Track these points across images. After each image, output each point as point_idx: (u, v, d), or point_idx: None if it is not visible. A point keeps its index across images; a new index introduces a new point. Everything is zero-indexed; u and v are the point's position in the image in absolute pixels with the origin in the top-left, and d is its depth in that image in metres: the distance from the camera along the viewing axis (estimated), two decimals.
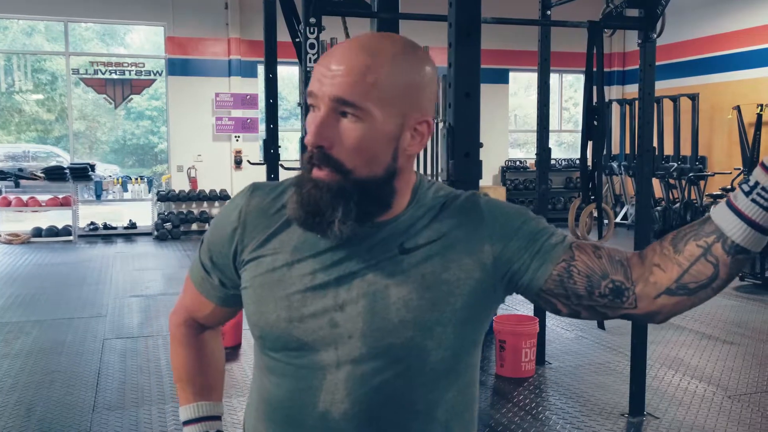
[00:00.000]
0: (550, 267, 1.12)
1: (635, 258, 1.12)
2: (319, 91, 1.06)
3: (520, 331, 4.92)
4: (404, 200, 1.15)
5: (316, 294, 1.12)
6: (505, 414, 4.30)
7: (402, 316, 1.10)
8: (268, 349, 1.17)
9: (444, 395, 1.15)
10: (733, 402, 4.48)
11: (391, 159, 1.09)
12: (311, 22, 3.56)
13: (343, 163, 1.06)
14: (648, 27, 3.96)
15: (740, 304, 7.16)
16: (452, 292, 1.12)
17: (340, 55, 1.06)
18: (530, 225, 1.16)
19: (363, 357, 1.10)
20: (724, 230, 1.04)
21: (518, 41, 12.48)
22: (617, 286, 1.10)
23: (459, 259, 1.13)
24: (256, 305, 1.16)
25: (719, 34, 11.91)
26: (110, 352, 5.46)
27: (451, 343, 1.13)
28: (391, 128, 1.08)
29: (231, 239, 1.20)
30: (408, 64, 1.08)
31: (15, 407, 4.36)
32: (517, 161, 14.22)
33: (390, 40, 1.10)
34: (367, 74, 1.04)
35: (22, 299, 7.27)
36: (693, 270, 1.07)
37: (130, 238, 11.95)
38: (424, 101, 1.11)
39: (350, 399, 1.11)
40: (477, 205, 1.18)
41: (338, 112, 1.05)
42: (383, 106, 1.06)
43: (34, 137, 14.68)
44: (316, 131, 1.06)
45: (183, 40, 12.30)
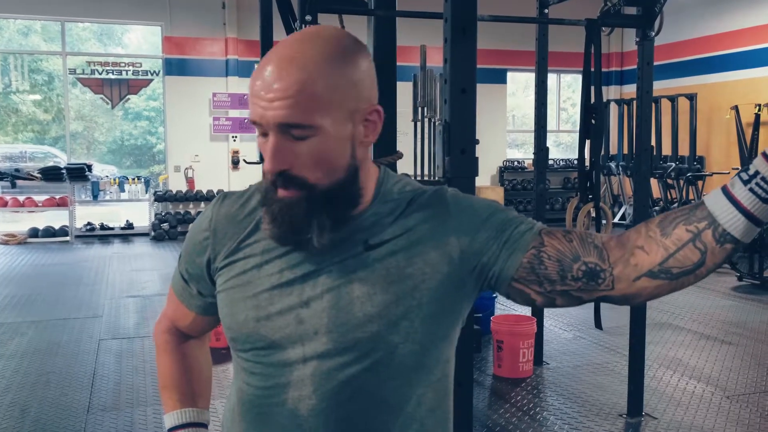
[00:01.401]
0: (519, 255, 1.11)
1: (614, 240, 1.10)
2: (262, 120, 1.05)
3: (518, 332, 4.90)
4: (368, 195, 1.15)
5: (282, 292, 1.12)
6: (503, 415, 4.28)
7: (366, 310, 1.09)
8: (240, 350, 1.17)
9: (415, 390, 1.14)
10: (731, 402, 4.46)
11: (350, 158, 1.09)
12: (307, 19, 3.53)
13: (306, 179, 1.06)
14: (646, 25, 3.94)
15: (738, 304, 7.15)
16: (417, 286, 1.11)
17: (272, 74, 1.03)
18: (498, 216, 1.15)
19: (329, 352, 1.10)
20: (717, 217, 1.02)
21: (516, 41, 12.47)
22: (591, 269, 1.09)
23: (425, 254, 1.12)
24: (228, 308, 1.18)
25: (717, 34, 11.90)
26: (106, 353, 5.43)
27: (419, 338, 1.11)
28: (344, 130, 1.07)
29: (203, 248, 1.22)
30: (340, 62, 1.05)
31: (9, 408, 4.33)
32: (515, 161, 14.20)
33: (315, 42, 1.06)
34: (302, 91, 1.02)
35: (18, 300, 7.24)
36: (679, 255, 1.05)
37: (127, 238, 11.92)
38: (367, 91, 1.09)
39: (317, 395, 1.10)
40: (443, 198, 1.17)
41: (288, 133, 1.04)
42: (329, 114, 1.05)
43: (31, 138, 14.64)
44: (272, 159, 1.05)
45: (180, 40, 12.27)
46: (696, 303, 7.10)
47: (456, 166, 2.16)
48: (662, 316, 6.51)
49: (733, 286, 7.98)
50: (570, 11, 4.99)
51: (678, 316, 6.58)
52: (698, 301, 7.17)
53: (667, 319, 6.46)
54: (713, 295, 7.52)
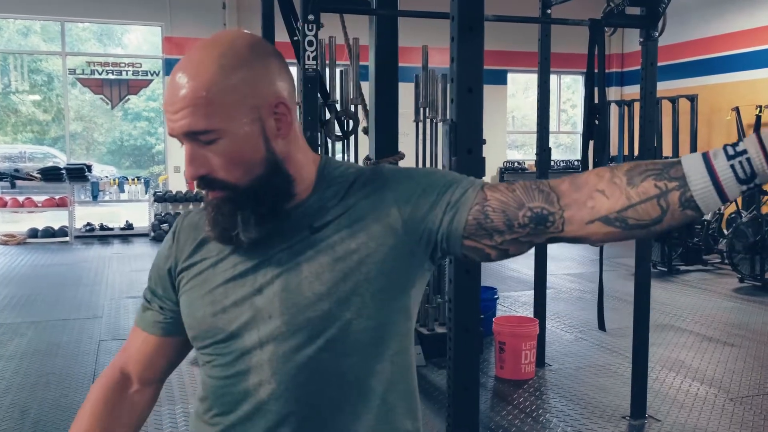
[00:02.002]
0: (464, 214, 1.11)
1: (566, 184, 1.10)
2: (172, 131, 1.10)
3: (520, 333, 4.88)
4: (308, 182, 1.17)
5: (236, 284, 1.15)
6: (505, 417, 4.26)
7: (315, 289, 1.11)
8: (201, 347, 1.20)
9: (374, 366, 1.15)
10: (735, 404, 4.44)
11: (266, 153, 1.11)
12: (310, 19, 3.51)
13: (226, 180, 1.10)
14: (650, 25, 3.92)
15: (740, 305, 7.13)
16: (364, 261, 1.12)
17: (173, 88, 1.08)
18: (437, 180, 1.16)
19: (284, 334, 1.11)
20: (690, 182, 1.01)
21: (516, 42, 12.44)
22: (537, 213, 1.09)
23: (367, 228, 1.13)
24: (188, 308, 1.21)
25: (718, 36, 11.89)
26: (106, 354, 5.41)
27: (372, 312, 1.12)
28: (250, 128, 1.09)
29: (167, 257, 1.26)
30: (233, 65, 1.08)
31: (9, 410, 4.30)
32: (516, 162, 14.19)
33: (208, 50, 1.09)
34: (198, 98, 1.05)
35: (17, 300, 7.22)
36: (640, 207, 1.04)
37: (126, 239, 11.89)
38: (271, 86, 1.11)
39: (276, 378, 1.12)
40: (381, 173, 1.19)
41: (197, 141, 1.08)
42: (230, 116, 1.07)
43: (30, 138, 14.62)
44: (189, 165, 1.10)
45: (180, 41, 12.24)
46: (698, 305, 7.08)
47: (463, 167, 2.14)
48: (664, 317, 6.49)
49: (735, 287, 7.96)
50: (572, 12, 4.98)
51: (680, 317, 6.56)
52: (700, 303, 7.15)
53: (669, 320, 6.44)
54: (715, 296, 7.50)
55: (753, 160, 0.98)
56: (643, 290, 4.12)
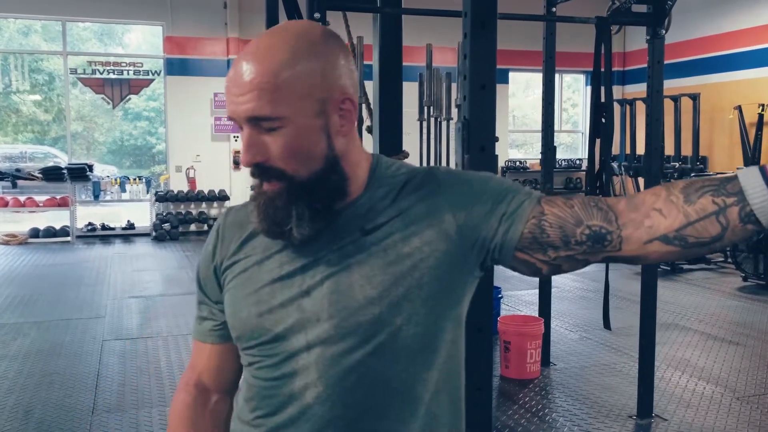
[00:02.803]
0: (520, 227, 1.10)
1: (623, 202, 1.08)
2: (234, 114, 1.08)
3: (525, 332, 4.86)
4: (360, 182, 1.15)
5: (283, 284, 1.13)
6: (511, 416, 4.24)
7: (366, 293, 1.08)
8: (246, 347, 1.17)
9: (421, 374, 1.12)
10: (741, 403, 4.42)
11: (327, 149, 1.09)
12: (315, 17, 3.49)
13: (283, 170, 1.08)
14: (657, 23, 3.90)
15: (744, 304, 7.11)
16: (417, 266, 1.09)
17: (240, 71, 1.06)
18: (493, 188, 1.14)
19: (332, 338, 1.09)
20: (748, 196, 0.99)
21: (517, 41, 12.39)
22: (595, 231, 1.07)
23: (421, 232, 1.11)
24: (231, 307, 1.19)
25: (720, 34, 11.87)
26: (109, 354, 5.39)
27: (422, 319, 1.10)
28: (314, 121, 1.07)
29: (212, 256, 1.24)
30: (306, 54, 1.06)
31: (13, 409, 4.29)
32: (518, 161, 14.17)
33: (281, 36, 1.08)
34: (268, 83, 1.04)
35: (19, 300, 7.20)
36: (699, 225, 1.02)
37: (128, 238, 11.88)
38: (339, 80, 1.09)
39: (323, 382, 1.09)
40: (435, 177, 1.16)
41: (259, 126, 1.06)
42: (296, 105, 1.05)
43: (31, 138, 14.61)
44: (247, 151, 1.08)
45: (181, 40, 12.22)
46: (701, 303, 7.07)
47: (475, 164, 2.12)
48: (668, 316, 6.48)
49: (739, 286, 7.94)
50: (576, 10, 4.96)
51: (684, 316, 6.55)
52: (704, 302, 7.13)
53: (673, 319, 6.42)
54: (718, 295, 7.49)
55: None
56: (649, 289, 4.10)
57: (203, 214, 12.21)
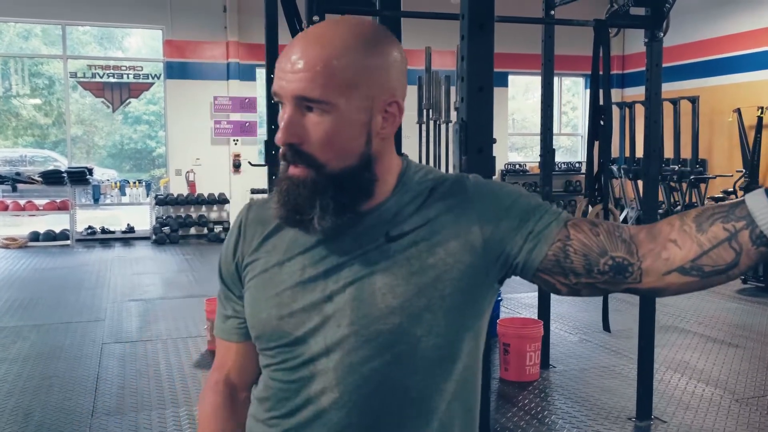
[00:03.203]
0: (544, 248, 1.09)
1: (643, 233, 1.08)
2: (281, 90, 1.06)
3: (525, 335, 4.86)
4: (389, 186, 1.14)
5: (305, 288, 1.12)
6: (511, 418, 4.24)
7: (388, 302, 1.08)
8: (264, 348, 1.17)
9: (439, 384, 1.12)
10: (741, 405, 4.43)
11: (364, 146, 1.08)
12: (315, 20, 3.50)
13: (316, 157, 1.06)
14: (655, 26, 3.92)
15: (743, 306, 7.12)
16: (440, 277, 1.09)
17: (296, 50, 1.05)
18: (521, 204, 1.13)
19: (352, 345, 1.09)
20: (756, 218, 0.99)
21: (517, 44, 12.40)
22: (618, 263, 1.07)
23: (445, 243, 1.10)
24: (251, 306, 1.18)
25: (719, 37, 11.89)
26: (109, 357, 5.40)
27: (442, 330, 1.10)
28: (359, 115, 1.06)
29: (234, 251, 1.23)
30: (366, 47, 1.06)
31: (12, 413, 4.29)
32: (517, 165, 14.17)
33: (345, 26, 1.08)
34: (323, 66, 1.03)
35: (19, 304, 7.20)
36: (713, 253, 1.02)
37: (128, 242, 11.88)
38: (391, 82, 1.09)
39: (340, 388, 1.09)
40: (464, 186, 1.15)
41: (303, 107, 1.05)
42: (346, 95, 1.04)
43: (31, 142, 14.63)
44: (285, 130, 1.06)
45: (181, 44, 12.24)
46: (701, 306, 7.07)
47: (473, 166, 2.13)
48: (667, 318, 6.48)
49: (738, 288, 7.95)
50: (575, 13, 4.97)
51: (683, 318, 6.55)
52: (703, 304, 7.14)
53: (673, 321, 6.42)
54: (718, 297, 7.49)
55: None
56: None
57: (203, 218, 12.22)
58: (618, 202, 13.21)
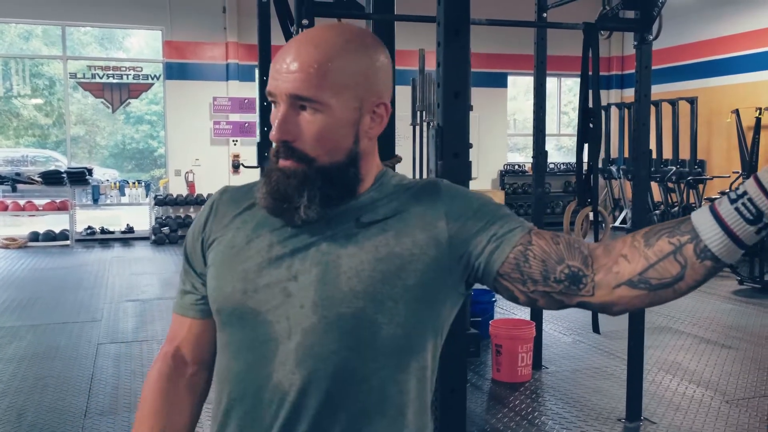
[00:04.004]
0: (506, 250, 1.13)
1: (600, 249, 1.12)
2: (276, 90, 1.11)
3: (517, 336, 4.88)
4: (366, 185, 1.18)
5: (271, 266, 1.14)
6: (501, 419, 4.26)
7: (352, 285, 1.10)
8: (225, 324, 1.18)
9: (396, 374, 1.14)
10: (731, 407, 4.44)
11: (352, 144, 1.14)
12: (304, 23, 3.52)
13: (307, 153, 1.11)
14: (644, 29, 3.93)
15: (738, 308, 7.13)
16: (404, 267, 1.12)
17: (291, 52, 1.11)
18: (489, 209, 1.17)
19: (313, 327, 1.10)
20: (700, 233, 1.03)
21: (517, 45, 12.45)
22: (574, 272, 1.10)
23: (413, 235, 1.14)
24: (216, 281, 1.19)
25: (718, 38, 11.89)
26: (104, 357, 5.43)
27: (402, 321, 1.12)
28: (349, 114, 1.12)
29: (203, 228, 1.26)
30: (357, 51, 1.13)
31: (6, 413, 4.32)
32: (516, 165, 14.19)
33: (337, 30, 1.14)
34: (317, 67, 1.09)
35: (17, 304, 7.24)
36: (659, 266, 1.06)
37: (127, 242, 11.92)
38: (379, 85, 1.15)
39: (300, 370, 1.11)
40: (436, 185, 1.21)
41: (297, 106, 1.11)
42: (338, 95, 1.10)
43: (32, 142, 14.67)
44: (279, 127, 1.11)
45: (181, 44, 12.28)
46: (696, 307, 7.08)
47: (449, 171, 2.15)
48: (662, 320, 6.49)
49: (734, 289, 7.96)
50: (568, 15, 4.99)
51: (678, 320, 6.56)
52: (698, 305, 7.15)
53: (667, 323, 6.44)
54: (714, 298, 7.50)
55: (754, 200, 1.00)
56: None
57: None
58: (617, 203, 13.23)
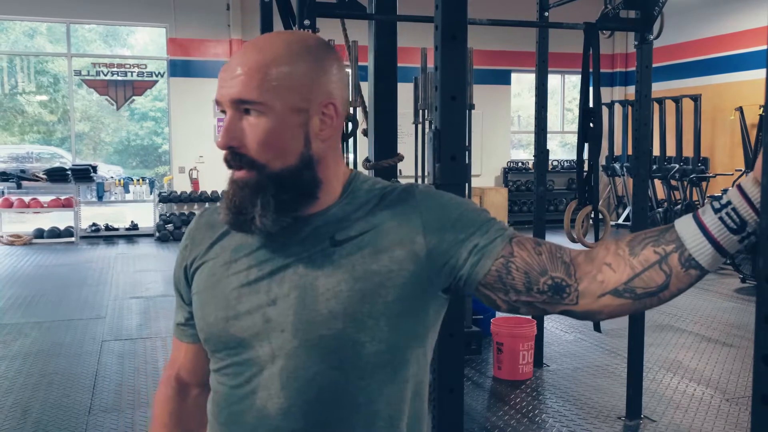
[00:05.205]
0: (488, 263, 1.12)
1: (582, 256, 1.12)
2: (221, 98, 1.11)
3: (518, 334, 4.90)
4: (334, 193, 1.17)
5: (250, 290, 1.14)
6: (502, 417, 4.29)
7: (331, 307, 1.09)
8: (212, 351, 1.19)
9: (383, 389, 1.13)
10: (731, 405, 4.46)
11: (303, 147, 1.11)
12: (305, 24, 3.54)
13: (256, 159, 1.10)
14: (645, 28, 3.94)
15: (740, 306, 7.13)
16: (383, 284, 1.11)
17: (236, 59, 1.11)
18: (468, 217, 1.15)
19: (296, 350, 1.10)
20: (685, 242, 1.04)
21: (521, 42, 12.43)
22: (557, 283, 1.10)
23: (390, 251, 1.12)
24: (200, 310, 1.20)
25: (721, 35, 11.87)
26: (108, 354, 5.47)
27: (385, 336, 1.11)
28: (295, 116, 1.10)
29: (183, 258, 1.27)
30: (300, 53, 1.11)
31: (11, 409, 4.36)
32: (519, 162, 14.19)
33: (283, 36, 1.15)
34: (258, 70, 1.08)
35: (22, 301, 7.28)
36: (645, 275, 1.06)
37: (131, 239, 11.97)
38: (329, 86, 1.13)
39: (285, 393, 1.11)
40: (412, 195, 1.17)
41: (242, 111, 1.10)
42: (282, 97, 1.09)
43: (37, 138, 14.72)
44: (224, 134, 1.10)
45: (185, 42, 12.31)
46: (698, 305, 7.09)
47: (446, 173, 2.17)
48: (663, 318, 6.51)
49: (736, 288, 7.97)
50: (572, 13, 5.00)
51: (679, 318, 6.58)
52: (700, 303, 7.16)
53: (668, 321, 6.45)
54: (715, 297, 7.51)
55: (738, 210, 1.01)
56: None
57: None
58: (620, 200, 13.23)
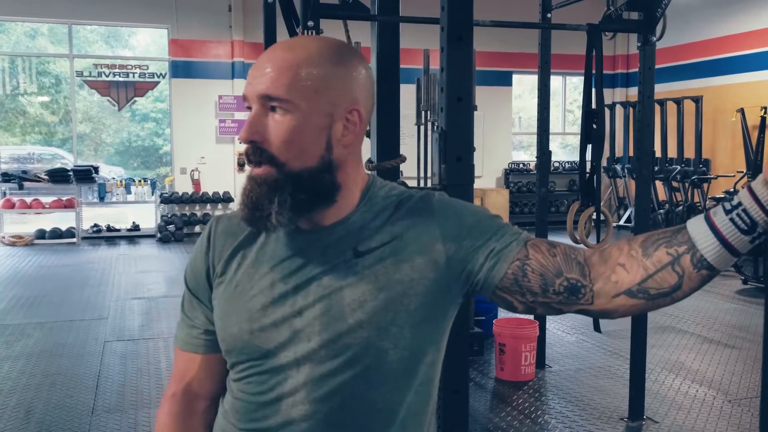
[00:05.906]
0: (504, 266, 1.14)
1: (596, 256, 1.14)
2: (248, 93, 1.12)
3: (520, 335, 4.91)
4: (353, 199, 1.18)
5: (275, 303, 1.15)
6: (504, 418, 4.29)
7: (357, 317, 1.12)
8: (235, 362, 1.20)
9: (404, 395, 1.17)
10: (733, 406, 4.46)
11: (324, 150, 1.12)
12: (309, 25, 3.55)
13: (276, 156, 1.11)
14: (647, 30, 3.95)
15: (742, 307, 7.14)
16: (406, 292, 1.13)
17: (266, 56, 1.12)
18: (484, 223, 1.18)
19: (321, 359, 1.12)
20: (697, 243, 1.06)
21: (522, 44, 12.43)
22: (572, 284, 1.12)
23: (411, 260, 1.15)
24: (222, 320, 1.20)
25: (723, 37, 11.87)
26: (111, 355, 5.47)
27: (408, 344, 1.14)
28: (320, 118, 1.11)
29: (204, 262, 1.25)
30: (332, 58, 1.13)
31: (14, 410, 4.37)
32: (521, 164, 14.19)
33: (315, 39, 1.17)
34: (289, 69, 1.10)
35: (24, 301, 7.29)
36: (658, 276, 1.08)
37: (133, 240, 11.98)
38: (354, 92, 1.14)
39: (309, 400, 1.13)
40: (429, 204, 1.20)
41: (267, 107, 1.11)
42: (309, 98, 1.10)
43: (38, 139, 14.74)
44: (248, 128, 1.11)
45: (186, 43, 12.32)
46: (700, 306, 7.09)
47: (452, 174, 2.18)
48: (666, 319, 6.51)
49: (738, 289, 7.97)
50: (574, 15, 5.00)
51: (681, 319, 6.58)
52: (702, 305, 7.16)
53: (671, 322, 6.46)
54: (717, 298, 7.51)
55: (748, 211, 1.02)
56: None
57: (208, 216, 12.30)
58: (621, 202, 13.23)
